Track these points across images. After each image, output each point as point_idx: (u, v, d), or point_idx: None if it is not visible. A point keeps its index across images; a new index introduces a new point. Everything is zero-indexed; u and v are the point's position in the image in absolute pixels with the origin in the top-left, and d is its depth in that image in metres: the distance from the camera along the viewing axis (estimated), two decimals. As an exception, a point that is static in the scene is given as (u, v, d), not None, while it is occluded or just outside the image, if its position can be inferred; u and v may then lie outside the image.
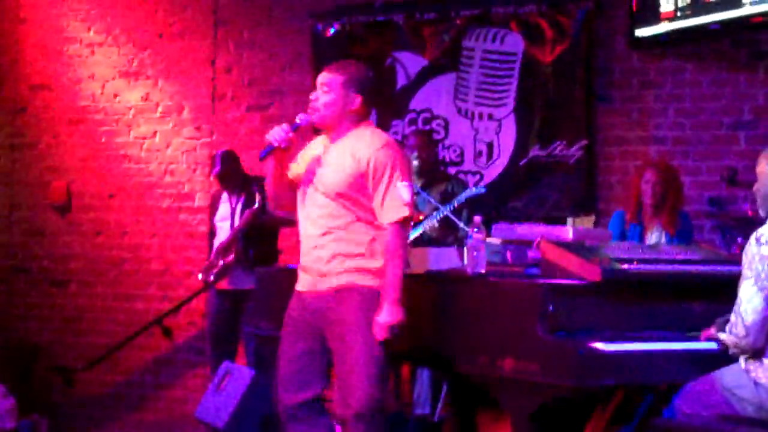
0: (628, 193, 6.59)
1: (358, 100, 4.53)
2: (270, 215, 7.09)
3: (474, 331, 4.30)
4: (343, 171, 4.49)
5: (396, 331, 4.36)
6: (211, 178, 7.63)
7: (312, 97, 4.58)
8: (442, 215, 6.50)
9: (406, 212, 4.44)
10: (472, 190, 6.68)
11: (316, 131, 4.77)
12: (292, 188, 4.67)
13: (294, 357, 4.57)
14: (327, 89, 4.53)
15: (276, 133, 4.48)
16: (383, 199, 4.45)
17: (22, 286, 9.07)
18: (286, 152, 4.58)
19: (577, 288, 4.16)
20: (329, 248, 4.50)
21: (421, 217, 6.43)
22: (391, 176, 4.45)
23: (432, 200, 6.51)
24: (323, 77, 4.57)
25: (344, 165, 4.50)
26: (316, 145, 4.70)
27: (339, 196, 4.48)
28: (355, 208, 4.48)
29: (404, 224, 4.48)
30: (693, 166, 7.22)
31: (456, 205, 6.35)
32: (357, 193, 4.47)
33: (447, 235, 6.72)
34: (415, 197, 4.64)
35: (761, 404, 3.91)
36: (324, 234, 4.51)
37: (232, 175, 7.30)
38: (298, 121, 4.55)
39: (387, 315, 4.36)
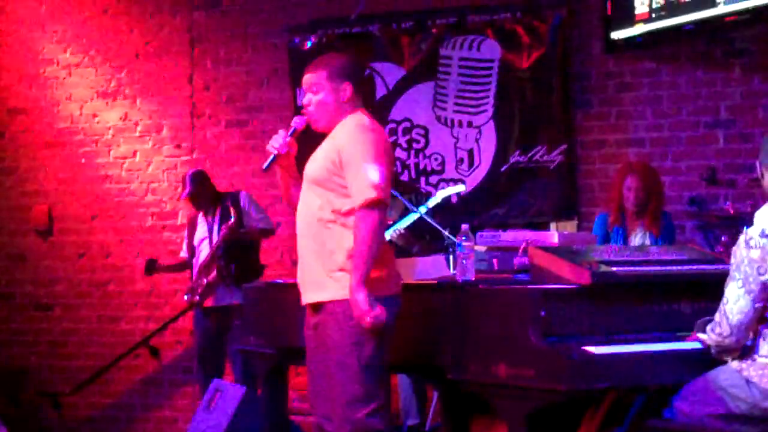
0: (609, 196, 6.62)
1: (348, 87, 4.38)
2: (247, 228, 7.10)
3: (466, 339, 4.29)
4: (321, 159, 4.34)
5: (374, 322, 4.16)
6: (182, 200, 7.60)
7: (305, 102, 4.44)
8: (411, 221, 6.50)
9: (372, 194, 4.15)
10: (448, 190, 6.69)
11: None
12: None
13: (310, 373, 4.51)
14: (315, 89, 4.39)
15: (275, 141, 4.43)
16: (352, 182, 4.21)
17: (6, 312, 9.01)
18: (288, 158, 4.51)
19: (567, 292, 4.17)
20: (305, 258, 4.39)
21: (390, 222, 6.44)
22: (361, 157, 4.20)
23: (407, 203, 6.51)
24: (307, 79, 4.42)
25: (323, 154, 4.35)
26: None
27: (314, 183, 4.32)
28: (328, 204, 4.28)
29: (372, 207, 4.16)
30: (672, 167, 7.27)
31: (430, 206, 6.36)
32: (331, 185, 4.27)
33: (413, 243, 6.72)
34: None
35: (754, 402, 3.92)
36: (302, 239, 4.40)
37: (203, 194, 7.27)
38: (293, 125, 4.48)
39: (354, 309, 4.16)
